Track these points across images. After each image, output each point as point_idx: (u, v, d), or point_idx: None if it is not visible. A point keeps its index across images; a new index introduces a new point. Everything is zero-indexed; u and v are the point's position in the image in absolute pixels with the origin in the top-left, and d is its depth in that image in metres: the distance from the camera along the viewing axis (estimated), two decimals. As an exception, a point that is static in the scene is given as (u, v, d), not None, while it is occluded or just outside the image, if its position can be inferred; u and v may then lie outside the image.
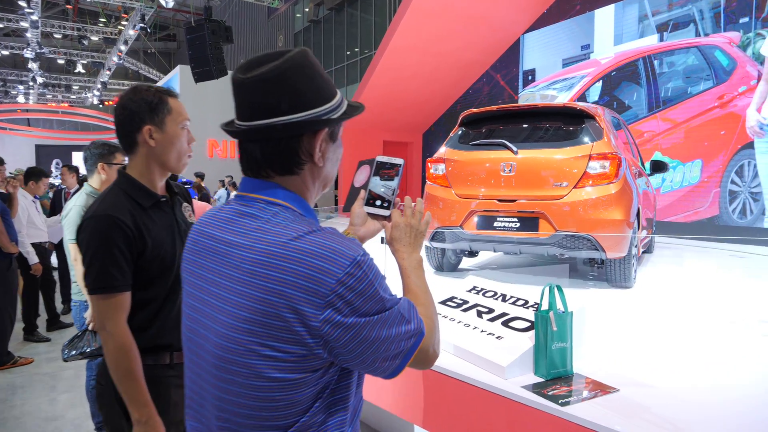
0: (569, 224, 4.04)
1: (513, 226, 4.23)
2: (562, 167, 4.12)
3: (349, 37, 20.57)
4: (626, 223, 4.13)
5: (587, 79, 10.30)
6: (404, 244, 1.26)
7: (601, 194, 4.03)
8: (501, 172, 4.29)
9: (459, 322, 2.83)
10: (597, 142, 4.15)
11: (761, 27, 7.83)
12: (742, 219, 8.06)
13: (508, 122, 4.65)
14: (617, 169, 4.08)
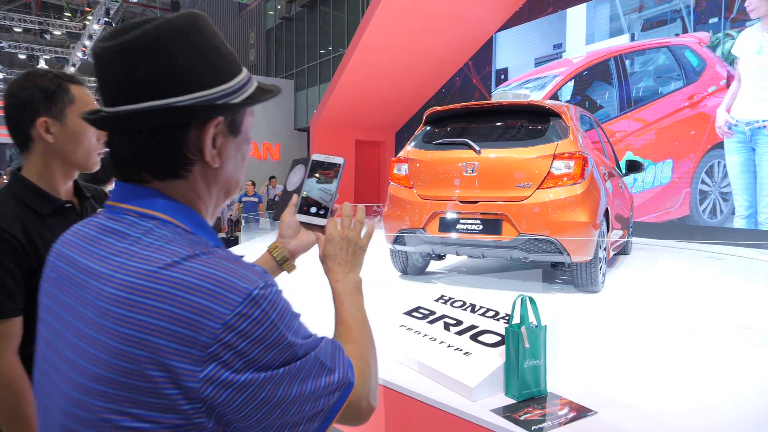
0: (533, 227, 3.91)
1: (476, 228, 4.08)
2: (526, 167, 3.98)
3: (321, 35, 20.26)
4: (592, 225, 3.97)
5: (559, 78, 10.24)
6: (339, 262, 1.03)
7: (565, 195, 3.89)
8: (463, 173, 4.15)
9: (424, 335, 2.62)
10: (562, 141, 4.00)
11: (730, 27, 7.83)
12: (713, 219, 8.07)
13: (472, 121, 4.51)
14: (582, 169, 3.94)
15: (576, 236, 3.88)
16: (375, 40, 10.85)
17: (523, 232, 3.92)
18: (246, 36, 26.61)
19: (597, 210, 4.04)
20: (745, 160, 7.57)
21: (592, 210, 3.97)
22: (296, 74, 22.12)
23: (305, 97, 21.28)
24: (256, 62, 25.50)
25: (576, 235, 3.87)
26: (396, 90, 12.68)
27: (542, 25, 10.83)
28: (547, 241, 3.87)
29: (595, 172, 4.16)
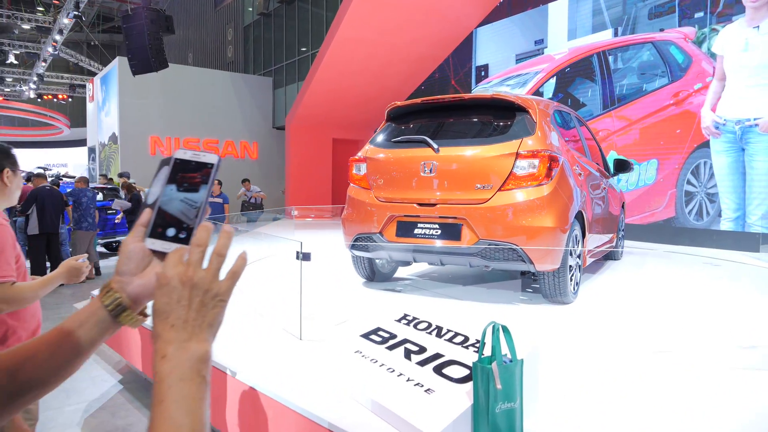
0: (493, 232, 3.58)
1: (434, 233, 3.76)
2: (487, 167, 3.65)
3: (300, 32, 19.81)
4: (559, 231, 3.63)
5: (541, 75, 9.92)
6: (172, 323, 0.64)
7: (528, 198, 3.55)
8: (421, 173, 3.82)
9: (382, 365, 2.22)
10: (527, 138, 3.66)
11: (716, 22, 7.57)
12: (699, 221, 7.80)
13: (436, 117, 4.18)
14: (548, 168, 3.58)
15: (540, 243, 3.53)
16: (351, 33, 10.44)
17: (483, 238, 3.59)
18: (224, 32, 26.01)
19: (566, 214, 3.69)
20: (733, 161, 7.30)
21: (560, 214, 3.63)
22: (275, 71, 21.64)
23: (284, 95, 20.82)
24: (233, 59, 24.95)
25: (540, 242, 3.53)
26: (374, 86, 12.28)
27: (523, 20, 10.51)
28: (508, 248, 3.55)
29: (568, 173, 3.83)
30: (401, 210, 3.92)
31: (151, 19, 14.47)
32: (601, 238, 4.89)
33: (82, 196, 8.63)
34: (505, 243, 3.54)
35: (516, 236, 3.54)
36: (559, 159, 3.70)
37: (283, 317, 3.34)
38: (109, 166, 20.41)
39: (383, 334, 2.47)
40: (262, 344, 3.01)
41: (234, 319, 3.55)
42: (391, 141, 4.17)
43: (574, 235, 3.90)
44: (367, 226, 4.05)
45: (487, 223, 3.59)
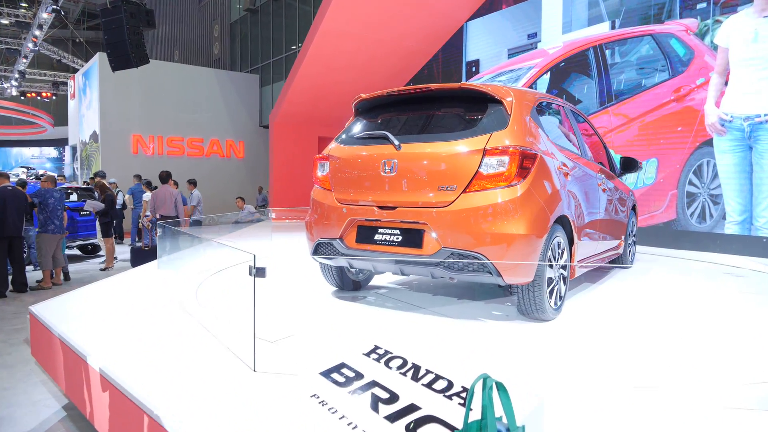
0: (456, 239, 3.19)
1: (395, 240, 3.39)
2: (451, 166, 3.27)
3: (287, 29, 19.37)
4: (534, 238, 3.19)
5: (535, 70, 9.49)
6: None
7: (496, 200, 3.16)
8: (381, 172, 3.46)
9: (342, 417, 1.75)
10: (497, 133, 3.25)
11: (720, 13, 7.15)
12: (701, 224, 7.38)
13: (403, 110, 3.81)
14: (520, 167, 3.18)
15: (510, 251, 3.12)
16: (335, 27, 9.95)
17: (446, 246, 3.20)
18: (210, 29, 25.47)
19: (542, 218, 3.26)
20: (740, 160, 6.88)
21: (534, 219, 3.21)
22: (261, 69, 21.19)
23: (271, 93, 20.34)
24: (220, 56, 24.44)
25: (510, 250, 3.12)
26: (361, 83, 11.79)
27: (515, 13, 10.06)
28: (472, 257, 3.14)
29: (549, 172, 3.40)
30: (361, 213, 3.55)
31: (130, 13, 13.97)
32: (600, 244, 4.43)
33: (49, 197, 8.09)
34: (469, 252, 3.14)
35: (482, 244, 3.13)
36: (536, 156, 3.28)
37: (237, 342, 2.85)
38: (90, 165, 19.81)
39: (348, 372, 1.99)
40: (209, 377, 2.52)
41: (183, 344, 3.06)
42: (355, 137, 3.81)
43: (555, 242, 3.46)
44: (328, 231, 3.70)
45: (449, 230, 3.20)
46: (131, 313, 3.90)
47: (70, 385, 3.13)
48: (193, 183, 11.91)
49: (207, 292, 4.25)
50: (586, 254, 4.13)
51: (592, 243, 4.22)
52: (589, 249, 4.17)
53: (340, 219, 3.65)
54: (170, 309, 3.86)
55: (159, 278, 4.78)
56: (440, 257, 3.21)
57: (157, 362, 2.74)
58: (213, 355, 2.82)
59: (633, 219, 5.58)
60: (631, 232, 5.51)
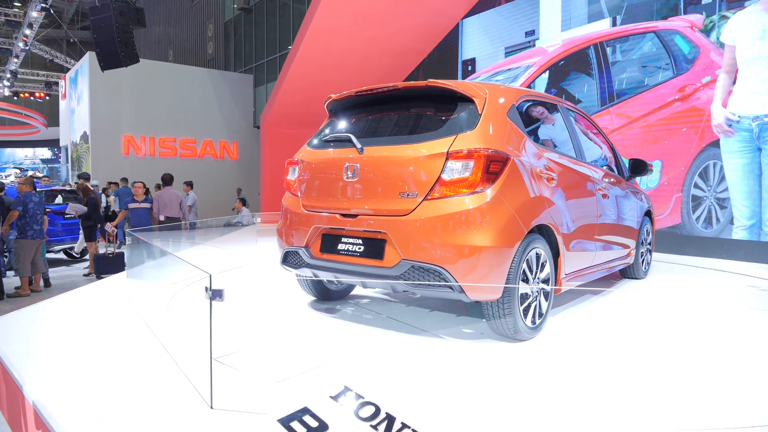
0: (416, 251, 2.93)
1: (357, 250, 3.18)
2: (413, 170, 3.03)
3: (281, 28, 19.11)
4: (500, 250, 2.89)
5: (533, 69, 9.17)
6: None
7: (459, 208, 2.88)
8: (344, 177, 3.28)
9: (297, 484, 1.41)
10: (463, 135, 2.99)
11: (726, 9, 6.84)
12: (708, 228, 7.06)
13: (372, 110, 3.59)
14: (486, 171, 2.91)
15: (475, 264, 2.84)
16: (326, 25, 9.64)
17: (406, 258, 2.95)
18: (204, 28, 25.17)
19: (513, 229, 2.97)
20: (748, 162, 6.56)
21: (502, 229, 2.92)
22: (256, 68, 20.91)
23: (265, 93, 20.06)
24: (214, 56, 24.14)
25: (474, 264, 2.84)
26: (354, 82, 11.44)
27: (512, 10, 9.75)
28: (432, 271, 2.89)
29: (525, 176, 3.10)
30: (326, 221, 3.35)
31: (120, 11, 13.68)
32: (600, 255, 4.09)
33: (29, 202, 7.73)
34: (430, 265, 2.88)
35: (443, 257, 2.86)
36: (507, 159, 2.99)
37: (196, 371, 2.51)
38: (81, 167, 19.48)
39: (310, 421, 1.66)
40: (160, 415, 2.19)
41: (138, 371, 2.72)
42: (323, 140, 3.61)
43: (533, 254, 3.15)
44: (296, 238, 3.52)
45: (409, 240, 2.95)
46: (87, 332, 3.57)
47: (12, 415, 2.80)
48: (190, 185, 12.01)
49: (176, 309, 3.93)
50: (580, 266, 3.79)
51: (588, 253, 3.89)
52: (584, 260, 3.83)
53: (305, 226, 3.46)
54: (133, 328, 3.53)
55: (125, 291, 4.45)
56: (400, 270, 2.96)
57: (103, 395, 2.41)
58: (171, 385, 2.49)
59: (647, 226, 5.20)
60: (645, 240, 5.14)
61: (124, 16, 13.89)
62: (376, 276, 3.09)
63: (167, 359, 2.84)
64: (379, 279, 3.10)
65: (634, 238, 4.79)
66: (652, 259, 5.44)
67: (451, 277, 2.85)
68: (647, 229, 5.19)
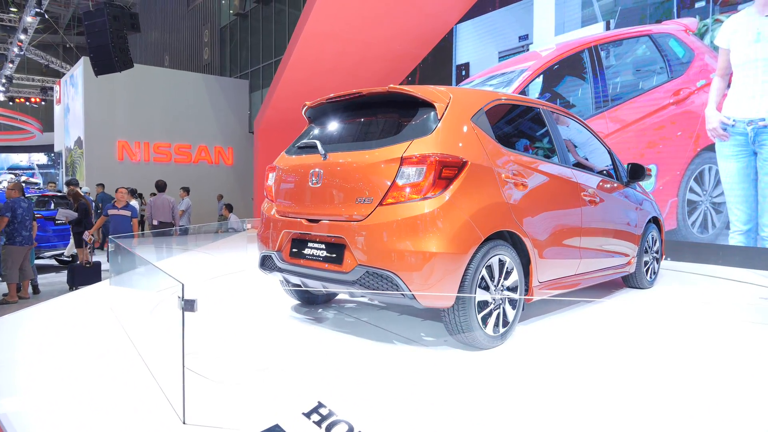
0: (371, 256, 2.96)
1: (320, 255, 3.24)
2: (369, 176, 3.07)
3: (277, 33, 19.09)
4: (452, 257, 2.86)
5: (527, 73, 9.12)
6: None
7: (409, 214, 2.88)
8: (309, 183, 3.36)
9: None
10: (418, 140, 3.00)
11: (719, 12, 6.80)
12: (703, 233, 6.99)
13: (342, 116, 3.65)
14: (438, 177, 2.90)
15: (427, 271, 2.83)
16: (320, 29, 9.58)
17: (361, 264, 2.98)
18: (200, 34, 25.13)
19: (467, 235, 2.93)
20: (744, 166, 6.50)
21: (454, 235, 2.89)
22: (251, 74, 20.87)
23: (260, 98, 20.00)
24: (210, 61, 24.10)
25: (425, 270, 2.83)
26: (348, 87, 11.33)
27: (506, 15, 9.71)
28: (384, 276, 2.90)
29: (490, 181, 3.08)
30: (295, 226, 3.42)
31: (114, 16, 13.62)
32: (586, 263, 3.94)
33: (17, 207, 7.63)
34: (382, 271, 2.89)
35: (395, 262, 2.87)
36: (463, 165, 2.97)
37: (171, 383, 2.42)
38: (75, 172, 19.37)
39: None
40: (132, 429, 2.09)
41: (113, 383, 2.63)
42: (296, 147, 3.70)
43: (495, 260, 3.09)
44: (270, 243, 3.60)
45: (364, 246, 2.98)
46: (66, 342, 3.47)
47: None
48: (186, 190, 12.18)
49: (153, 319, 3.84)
50: (560, 274, 3.69)
51: (571, 261, 3.77)
52: (564, 268, 3.72)
53: (278, 231, 3.54)
54: (113, 338, 3.44)
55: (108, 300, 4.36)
56: (356, 276, 2.98)
57: (74, 408, 2.32)
58: (145, 399, 2.39)
59: (653, 233, 4.98)
60: (650, 247, 4.94)
61: (118, 21, 13.83)
62: (335, 281, 3.12)
63: (144, 371, 2.75)
64: (338, 284, 3.12)
65: (634, 246, 4.63)
66: (660, 268, 5.21)
67: (403, 284, 2.84)
68: (652, 237, 5.00)
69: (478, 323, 2.99)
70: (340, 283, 3.10)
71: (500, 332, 3.14)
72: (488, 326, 3.06)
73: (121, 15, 14.01)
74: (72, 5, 32.45)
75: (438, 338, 3.32)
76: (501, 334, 3.15)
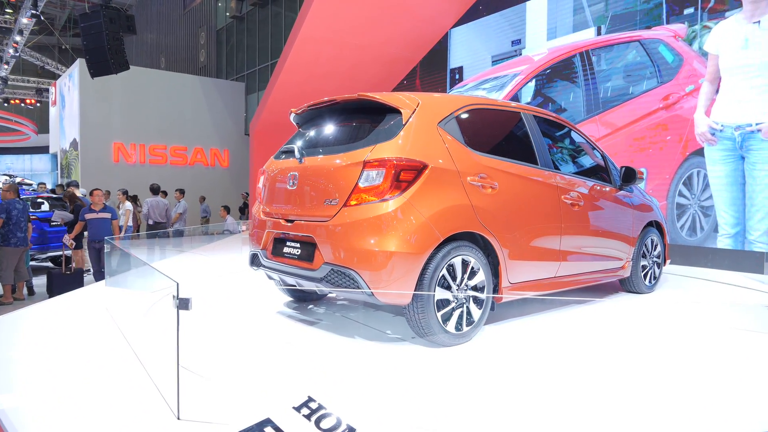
0: (335, 254, 3.17)
1: (295, 253, 3.46)
2: (336, 179, 3.28)
3: (273, 36, 19.14)
4: (407, 257, 3.01)
5: (520, 77, 9.22)
6: None
7: (368, 215, 3.06)
8: (287, 186, 3.59)
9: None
10: (381, 144, 3.17)
11: (708, 19, 6.91)
12: (692, 237, 7.09)
13: (321, 122, 3.85)
14: (396, 179, 3.06)
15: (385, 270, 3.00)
16: (315, 33, 9.66)
17: (326, 262, 3.19)
18: (196, 36, 25.17)
19: (424, 236, 3.06)
20: (731, 170, 6.60)
21: (410, 236, 3.03)
22: (247, 76, 20.90)
23: (256, 101, 20.05)
24: (206, 63, 24.14)
25: (382, 269, 3.01)
26: (343, 90, 11.41)
27: (498, 19, 9.81)
28: (346, 274, 3.10)
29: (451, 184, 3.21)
30: (276, 226, 3.65)
31: (110, 18, 13.62)
32: (566, 266, 3.96)
33: (12, 209, 7.67)
34: (344, 268, 3.08)
35: (356, 261, 3.06)
36: (422, 168, 3.10)
37: (166, 380, 2.48)
38: (71, 174, 19.36)
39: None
40: (127, 424, 2.15)
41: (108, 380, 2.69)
42: (281, 151, 3.92)
43: (458, 261, 3.20)
44: (258, 242, 3.84)
45: (330, 245, 3.19)
46: (62, 341, 3.53)
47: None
48: (182, 192, 12.39)
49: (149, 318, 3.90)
50: (536, 276, 3.74)
51: (548, 264, 3.81)
52: (540, 270, 3.77)
53: (263, 231, 3.77)
54: (108, 337, 3.50)
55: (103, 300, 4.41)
56: (323, 273, 3.18)
57: (71, 405, 2.37)
58: (141, 395, 2.45)
59: (652, 237, 4.92)
60: (649, 251, 4.89)
61: (114, 23, 13.83)
62: (307, 278, 3.31)
63: (140, 369, 2.81)
64: (309, 281, 3.30)
65: (627, 250, 4.61)
66: (661, 272, 5.11)
67: (362, 281, 3.00)
68: (652, 241, 4.93)
69: (438, 321, 3.11)
70: (311, 280, 3.27)
71: (464, 330, 3.24)
72: (449, 324, 3.17)
73: (117, 17, 14.02)
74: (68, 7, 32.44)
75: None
76: (465, 332, 3.25)
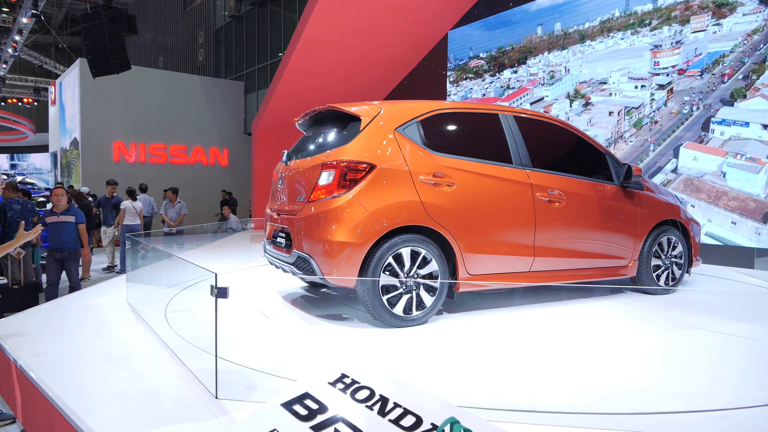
0: (300, 243, 3.71)
1: (282, 242, 4.01)
2: (304, 179, 3.83)
3: (272, 36, 19.25)
4: (350, 246, 3.45)
5: (519, 79, 9.42)
6: None
7: (320, 210, 3.59)
8: (278, 185, 4.26)
9: (301, 457, 1.60)
10: (336, 149, 3.69)
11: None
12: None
13: (311, 129, 4.40)
14: (341, 179, 3.55)
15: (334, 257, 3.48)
16: (318, 35, 9.85)
17: (295, 249, 3.75)
18: (195, 35, 25.26)
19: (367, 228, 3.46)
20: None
21: (353, 228, 3.46)
22: (246, 76, 21.01)
23: (255, 100, 20.18)
24: (205, 63, 24.23)
25: (330, 256, 3.50)
26: (344, 91, 11.68)
27: (494, 23, 10.02)
28: (305, 259, 3.64)
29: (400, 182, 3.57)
30: (272, 219, 4.22)
31: (111, 19, 13.72)
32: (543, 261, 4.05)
33: (8, 208, 7.41)
34: (305, 255, 3.61)
35: (312, 248, 3.58)
36: (369, 169, 3.54)
37: (201, 366, 2.68)
38: (71, 173, 19.46)
39: (311, 404, 1.84)
40: (168, 404, 2.35)
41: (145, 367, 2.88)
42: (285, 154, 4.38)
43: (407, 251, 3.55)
44: (265, 234, 4.46)
45: (297, 235, 3.72)
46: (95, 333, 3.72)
47: (27, 415, 2.93)
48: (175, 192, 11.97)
49: (177, 309, 4.10)
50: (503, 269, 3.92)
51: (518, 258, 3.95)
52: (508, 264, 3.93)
53: (266, 223, 4.40)
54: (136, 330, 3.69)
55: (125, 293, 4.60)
56: (293, 259, 3.74)
57: (117, 390, 2.57)
58: (177, 381, 2.65)
59: (669, 236, 4.69)
60: (664, 251, 4.69)
61: (115, 23, 13.92)
62: (286, 263, 3.86)
63: (171, 357, 3.00)
64: (287, 266, 3.85)
65: (631, 248, 4.50)
66: (684, 273, 4.81)
67: (316, 266, 3.52)
68: (669, 240, 4.70)
69: (383, 304, 3.50)
70: (288, 265, 3.83)
71: (413, 315, 3.59)
72: (396, 308, 3.54)
73: (119, 18, 14.11)
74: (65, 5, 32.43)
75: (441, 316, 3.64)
76: (414, 316, 3.59)
